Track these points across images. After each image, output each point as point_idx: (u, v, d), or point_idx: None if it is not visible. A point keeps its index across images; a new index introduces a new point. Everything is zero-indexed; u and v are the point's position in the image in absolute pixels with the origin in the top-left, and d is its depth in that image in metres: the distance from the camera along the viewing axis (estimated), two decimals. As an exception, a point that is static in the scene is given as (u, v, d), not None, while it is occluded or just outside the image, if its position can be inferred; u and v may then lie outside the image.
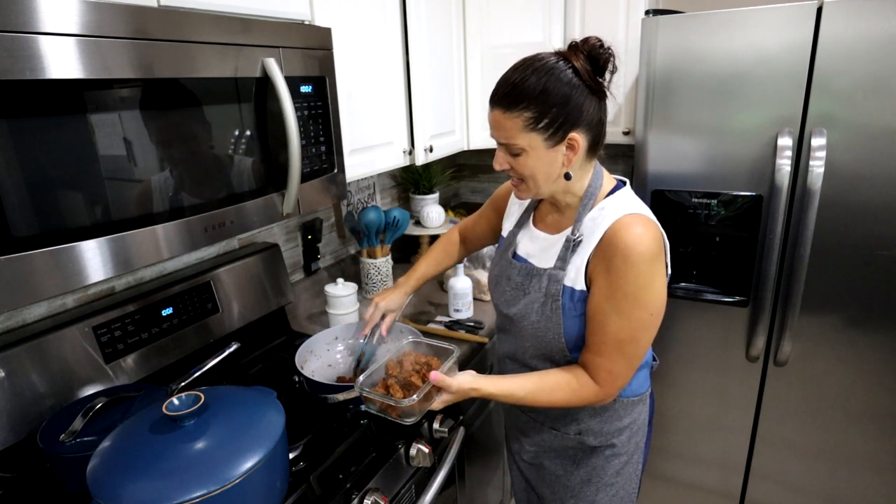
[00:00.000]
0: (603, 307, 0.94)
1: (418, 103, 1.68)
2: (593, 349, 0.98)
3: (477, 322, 1.68)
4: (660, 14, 1.57)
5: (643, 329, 0.95)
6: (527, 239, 1.11)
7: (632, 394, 1.10)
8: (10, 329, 1.09)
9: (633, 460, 1.14)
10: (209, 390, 0.89)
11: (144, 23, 0.81)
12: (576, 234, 0.99)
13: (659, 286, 0.93)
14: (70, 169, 0.76)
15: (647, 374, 1.15)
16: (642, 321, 0.94)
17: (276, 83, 1.02)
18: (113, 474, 0.73)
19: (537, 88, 0.89)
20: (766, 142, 1.50)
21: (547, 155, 0.93)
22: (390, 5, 1.52)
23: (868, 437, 1.60)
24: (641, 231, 0.91)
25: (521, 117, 0.91)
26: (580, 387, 0.99)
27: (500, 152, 0.98)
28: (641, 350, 0.97)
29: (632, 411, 1.11)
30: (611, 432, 1.11)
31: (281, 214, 1.12)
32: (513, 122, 0.92)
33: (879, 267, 1.46)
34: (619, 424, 1.10)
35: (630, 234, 0.91)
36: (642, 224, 0.92)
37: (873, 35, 1.33)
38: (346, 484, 1.03)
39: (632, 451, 1.14)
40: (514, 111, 0.91)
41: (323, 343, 1.42)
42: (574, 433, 1.12)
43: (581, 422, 1.11)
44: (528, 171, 0.95)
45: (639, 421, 1.13)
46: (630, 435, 1.12)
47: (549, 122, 0.90)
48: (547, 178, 0.96)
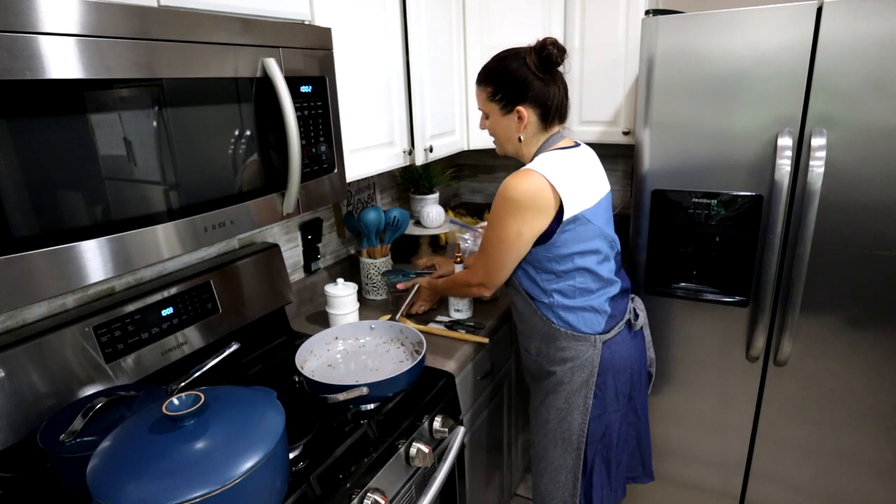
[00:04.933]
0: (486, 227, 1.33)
1: (418, 103, 1.68)
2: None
3: (477, 322, 1.68)
4: (660, 14, 1.56)
5: (491, 245, 1.29)
6: None
7: (571, 329, 1.31)
8: (10, 329, 1.09)
9: (579, 394, 1.33)
10: (209, 390, 0.89)
11: (144, 23, 0.81)
12: None
13: (512, 224, 1.23)
14: (70, 169, 0.76)
15: (600, 320, 1.32)
16: (490, 239, 1.29)
17: (276, 83, 1.02)
18: (113, 474, 0.73)
19: (495, 71, 1.28)
20: (766, 142, 1.50)
21: (503, 120, 1.31)
22: (390, 5, 1.52)
23: (868, 436, 1.60)
24: (518, 180, 1.21)
25: (486, 91, 1.30)
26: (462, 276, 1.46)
27: (481, 117, 1.36)
28: (492, 260, 1.31)
29: (574, 345, 1.31)
30: (556, 360, 1.33)
31: (281, 214, 1.12)
32: (481, 94, 1.32)
33: (879, 267, 1.46)
34: (561, 355, 1.32)
35: (508, 181, 1.23)
36: (520, 175, 1.22)
37: (873, 35, 1.33)
38: (346, 484, 1.03)
39: (577, 385, 1.32)
40: (481, 86, 1.31)
41: (323, 343, 1.42)
42: (534, 354, 1.39)
43: (534, 342, 1.38)
44: (492, 131, 1.35)
45: (583, 358, 1.31)
46: (573, 368, 1.32)
47: (500, 96, 1.28)
48: (507, 139, 1.34)
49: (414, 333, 1.41)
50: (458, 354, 1.48)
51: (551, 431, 1.37)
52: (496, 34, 1.90)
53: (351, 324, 1.49)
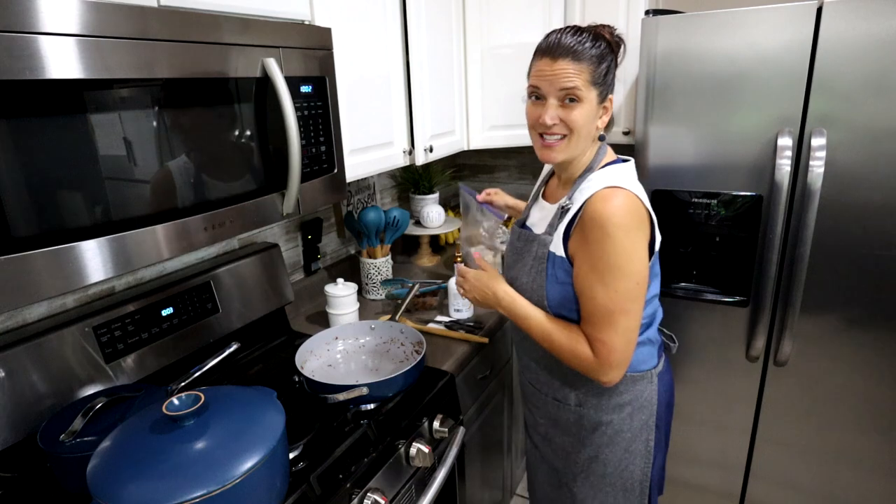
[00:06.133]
0: (589, 278, 0.98)
1: (418, 103, 1.67)
2: (586, 320, 1.01)
3: (477, 322, 1.68)
4: (660, 14, 1.57)
5: (630, 300, 0.97)
6: (536, 210, 1.19)
7: (632, 369, 1.10)
8: (10, 329, 1.09)
9: (640, 438, 1.13)
10: (209, 390, 0.89)
11: (144, 23, 0.81)
12: (567, 201, 1.05)
13: (641, 256, 0.97)
14: (70, 169, 0.76)
15: (654, 352, 1.14)
16: (628, 291, 0.96)
17: (276, 83, 1.02)
18: (113, 474, 0.73)
19: (598, 50, 1.00)
20: (766, 142, 1.50)
21: (594, 111, 1.02)
22: (390, 5, 1.52)
23: (868, 437, 1.60)
24: (619, 203, 0.95)
25: (587, 70, 0.98)
26: (579, 341, 1.02)
27: (550, 107, 1.01)
28: (633, 321, 0.99)
29: (632, 387, 1.10)
30: (609, 407, 1.11)
31: (281, 214, 1.12)
32: (580, 73, 0.98)
33: (879, 267, 1.46)
34: (618, 400, 1.10)
35: (607, 206, 0.95)
36: (620, 196, 0.96)
37: (873, 35, 1.33)
38: (346, 484, 1.03)
39: (637, 429, 1.13)
40: (582, 63, 0.98)
41: (323, 343, 1.42)
42: (574, 404, 1.14)
43: (579, 391, 1.13)
44: (579, 123, 1.00)
45: (642, 399, 1.11)
46: (632, 412, 1.11)
47: (601, 82, 1.00)
48: (588, 135, 1.03)
49: (414, 333, 1.41)
50: (458, 354, 1.48)
51: (610, 485, 1.17)
52: (496, 34, 1.90)
53: (351, 324, 1.49)
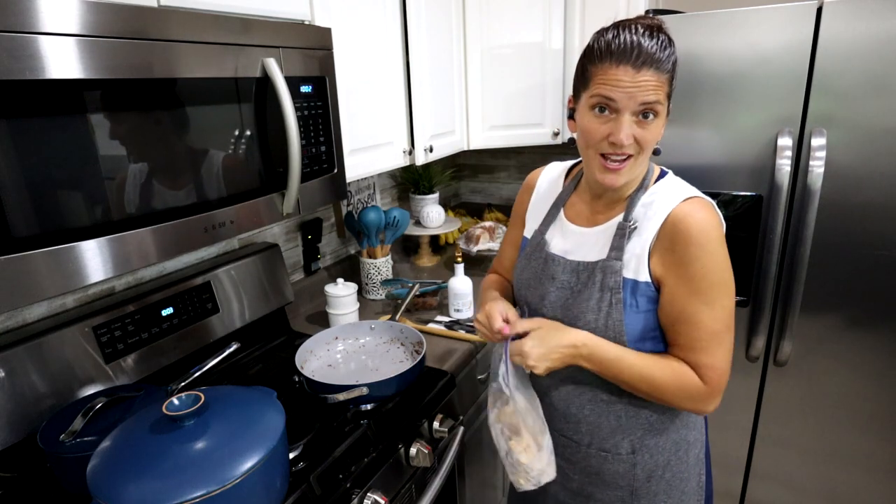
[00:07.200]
0: (690, 302, 0.87)
1: (418, 103, 1.67)
2: (688, 347, 0.89)
3: (477, 322, 1.67)
4: (660, 14, 1.57)
5: (732, 316, 0.89)
6: (558, 236, 1.02)
7: None
8: (10, 329, 1.09)
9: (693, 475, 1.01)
10: (209, 390, 0.89)
11: (144, 23, 0.81)
12: (629, 220, 0.92)
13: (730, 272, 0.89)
14: (70, 169, 0.76)
15: None
16: (730, 307, 0.88)
17: (276, 83, 1.02)
18: (113, 474, 0.73)
19: (675, 57, 0.85)
20: (766, 142, 1.50)
21: (663, 126, 0.88)
22: (390, 5, 1.52)
23: (868, 437, 1.60)
24: (706, 215, 0.87)
25: (667, 82, 0.84)
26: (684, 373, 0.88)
27: (625, 123, 0.83)
28: (732, 337, 0.90)
29: (687, 418, 1.00)
30: (668, 448, 0.98)
31: (281, 214, 1.12)
32: (661, 86, 0.83)
33: (879, 267, 1.46)
34: (676, 437, 0.98)
35: (698, 221, 0.85)
36: (704, 208, 0.88)
37: (873, 35, 1.33)
38: (346, 484, 1.03)
39: (692, 466, 1.01)
40: (663, 74, 0.83)
41: (323, 343, 1.42)
42: (626, 453, 0.98)
43: (634, 437, 0.98)
44: (651, 139, 0.86)
45: (696, 429, 1.02)
46: (688, 448, 1.00)
47: (671, 92, 0.87)
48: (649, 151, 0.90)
49: (414, 333, 1.41)
50: (458, 354, 1.48)
51: None
52: (496, 34, 1.90)
53: (351, 324, 1.49)
